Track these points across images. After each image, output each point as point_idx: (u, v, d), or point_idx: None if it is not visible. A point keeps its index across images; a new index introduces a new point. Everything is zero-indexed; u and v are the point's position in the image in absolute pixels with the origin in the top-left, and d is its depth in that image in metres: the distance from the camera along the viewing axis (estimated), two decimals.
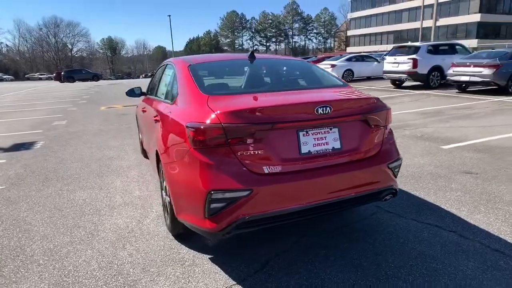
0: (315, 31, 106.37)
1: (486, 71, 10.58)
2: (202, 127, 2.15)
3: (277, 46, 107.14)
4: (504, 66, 10.53)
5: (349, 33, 70.70)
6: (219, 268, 2.43)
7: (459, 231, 2.83)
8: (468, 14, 45.72)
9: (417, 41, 52.20)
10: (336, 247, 2.64)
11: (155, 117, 3.13)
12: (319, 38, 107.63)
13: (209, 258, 2.57)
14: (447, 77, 11.96)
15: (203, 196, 2.11)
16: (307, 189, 2.22)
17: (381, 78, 18.67)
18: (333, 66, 18.13)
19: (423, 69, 12.86)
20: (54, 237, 2.98)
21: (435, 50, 13.25)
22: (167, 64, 3.70)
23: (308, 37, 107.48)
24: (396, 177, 2.62)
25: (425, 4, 51.37)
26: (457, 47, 13.92)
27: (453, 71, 11.64)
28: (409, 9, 54.59)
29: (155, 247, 2.76)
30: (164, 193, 3.06)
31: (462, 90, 11.99)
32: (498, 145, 5.31)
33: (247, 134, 2.12)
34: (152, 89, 4.17)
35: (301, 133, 2.24)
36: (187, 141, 2.24)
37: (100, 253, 2.70)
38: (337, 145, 2.34)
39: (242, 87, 2.94)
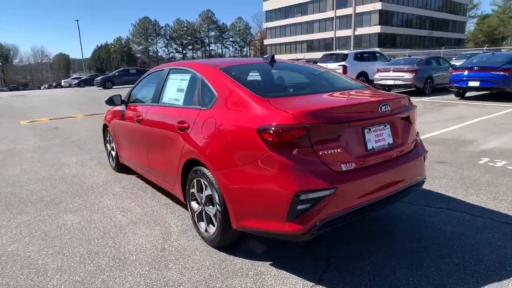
0: (231, 39, 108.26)
1: (407, 75, 12.07)
2: (284, 128, 2.10)
3: (193, 54, 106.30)
4: (421, 71, 12.13)
5: (266, 41, 73.72)
6: (287, 273, 2.38)
7: (468, 211, 3.22)
8: (370, 26, 51.44)
9: (329, 49, 56.79)
10: (381, 239, 2.78)
11: (179, 123, 2.91)
12: (236, 46, 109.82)
13: (269, 264, 2.50)
14: (374, 82, 13.30)
15: (288, 199, 2.06)
16: (375, 183, 2.32)
17: None
18: None
19: (351, 75, 14.09)
20: (73, 268, 2.57)
21: (360, 57, 14.65)
22: (174, 69, 3.47)
23: (225, 45, 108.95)
24: None
25: (333, 16, 56.25)
26: (377, 54, 15.61)
27: (379, 76, 13.00)
28: (319, 20, 59.20)
29: (204, 261, 2.57)
30: (196, 204, 2.88)
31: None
32: (447, 138, 6.12)
33: (327, 133, 2.15)
34: (147, 97, 3.87)
35: (365, 131, 2.35)
36: (260, 144, 2.16)
37: (145, 276, 2.42)
38: (390, 140, 2.51)
39: (290, 89, 2.94)
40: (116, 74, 30.00)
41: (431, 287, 2.17)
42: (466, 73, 10.38)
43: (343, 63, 14.03)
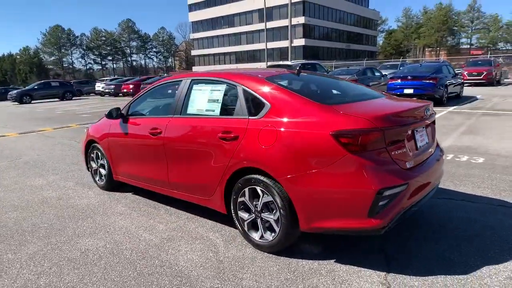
0: (154, 49, 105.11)
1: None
2: (363, 132, 2.30)
3: (114, 65, 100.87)
4: (359, 81, 13.34)
5: (194, 52, 73.23)
6: (356, 267, 2.56)
7: (466, 199, 3.74)
8: (295, 38, 54.45)
9: (257, 61, 58.43)
10: (417, 228, 3.12)
11: (224, 133, 2.91)
12: (160, 57, 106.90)
13: (334, 262, 2.65)
14: None
15: (371, 197, 2.25)
16: (427, 178, 2.64)
17: None
18: None
19: None
20: None
21: (304, 68, 15.53)
22: (197, 80, 3.42)
23: (148, 55, 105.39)
24: None
25: (260, 28, 58.20)
26: (317, 66, 16.68)
27: None
28: (246, 33, 60.87)
29: (271, 267, 2.62)
30: (245, 213, 2.91)
31: None
32: None
33: (396, 135, 2.41)
34: (159, 109, 3.75)
35: (415, 132, 2.66)
36: (338, 148, 2.32)
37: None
38: (427, 140, 2.87)
39: (338, 97, 3.14)
40: (36, 87, 27.16)
41: (474, 259, 2.53)
42: (400, 81, 11.74)
43: None
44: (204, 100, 3.31)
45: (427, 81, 11.13)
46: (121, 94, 26.91)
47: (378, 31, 76.64)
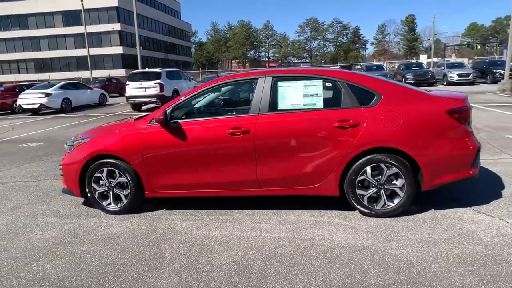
0: None
1: None
2: (466, 109, 3.30)
3: None
4: None
5: None
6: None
7: None
8: (111, 46, 50.80)
9: (68, 69, 51.30)
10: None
11: (341, 122, 3.28)
12: None
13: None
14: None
15: (474, 153, 3.29)
16: None
17: (100, 105, 18.48)
18: (48, 95, 15.75)
19: (168, 92, 14.61)
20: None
21: (171, 75, 15.37)
22: (282, 77, 3.55)
23: None
24: None
25: (66, 33, 51.41)
26: (180, 73, 16.78)
27: None
28: (47, 37, 52.25)
29: (398, 221, 3.23)
30: (363, 190, 3.39)
31: None
32: None
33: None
34: (231, 108, 3.59)
35: None
36: (452, 121, 3.22)
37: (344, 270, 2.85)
38: None
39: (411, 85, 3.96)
40: None
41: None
42: None
43: (159, 81, 14.27)
44: (299, 95, 3.51)
45: None
46: None
47: (192, 43, 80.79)
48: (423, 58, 51.79)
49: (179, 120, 3.66)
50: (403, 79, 21.25)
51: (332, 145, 3.33)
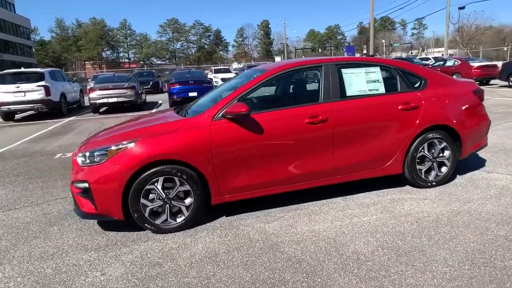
0: None
1: (130, 92, 12.74)
2: (482, 90, 4.09)
3: None
4: (137, 87, 13.24)
5: None
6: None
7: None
8: None
9: None
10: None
11: (405, 105, 3.63)
12: None
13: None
14: (91, 101, 12.62)
15: (488, 125, 4.16)
16: None
17: None
18: None
19: (55, 97, 12.27)
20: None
21: (54, 76, 12.91)
22: (346, 64, 3.69)
23: None
24: None
25: None
26: (61, 73, 14.24)
27: (97, 95, 12.54)
28: None
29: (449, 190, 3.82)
30: (420, 165, 3.83)
31: (98, 112, 13.08)
32: None
33: None
34: (300, 97, 3.45)
35: None
36: (477, 100, 3.99)
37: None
38: None
39: None
40: None
41: None
42: (182, 86, 13.07)
43: (43, 83, 11.77)
44: (362, 81, 3.68)
45: (205, 85, 13.25)
46: None
47: (33, 41, 68.01)
48: (278, 60, 57.64)
49: (259, 113, 3.34)
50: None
51: (399, 126, 3.65)
